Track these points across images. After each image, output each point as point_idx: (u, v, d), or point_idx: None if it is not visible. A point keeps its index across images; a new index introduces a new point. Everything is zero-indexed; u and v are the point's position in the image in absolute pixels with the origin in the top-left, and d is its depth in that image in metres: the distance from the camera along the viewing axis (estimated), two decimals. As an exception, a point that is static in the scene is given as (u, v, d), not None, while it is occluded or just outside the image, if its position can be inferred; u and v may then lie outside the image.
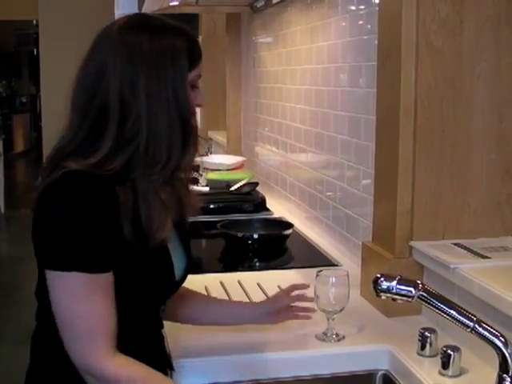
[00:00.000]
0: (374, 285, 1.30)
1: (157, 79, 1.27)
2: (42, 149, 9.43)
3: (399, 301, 1.30)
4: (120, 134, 1.27)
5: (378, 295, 1.31)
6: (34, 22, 9.66)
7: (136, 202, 1.27)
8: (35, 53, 10.16)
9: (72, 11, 8.81)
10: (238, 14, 4.00)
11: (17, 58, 11.16)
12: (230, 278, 2.10)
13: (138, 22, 1.33)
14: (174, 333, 1.60)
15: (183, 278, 1.49)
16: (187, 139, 1.31)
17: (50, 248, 1.23)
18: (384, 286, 1.29)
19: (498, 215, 1.78)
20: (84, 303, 1.22)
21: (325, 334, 1.66)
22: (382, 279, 1.29)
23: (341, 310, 1.65)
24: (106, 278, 1.24)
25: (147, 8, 3.84)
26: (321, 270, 1.68)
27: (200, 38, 5.02)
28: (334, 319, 1.65)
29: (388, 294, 1.29)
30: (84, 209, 1.21)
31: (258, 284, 2.05)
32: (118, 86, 1.27)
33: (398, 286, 1.28)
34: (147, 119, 1.27)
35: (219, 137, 4.64)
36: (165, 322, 1.51)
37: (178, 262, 1.44)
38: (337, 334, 1.66)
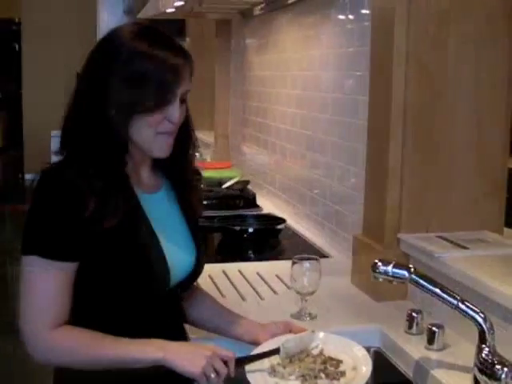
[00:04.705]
0: (372, 268, 1.50)
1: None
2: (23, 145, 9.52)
3: (394, 282, 1.50)
4: None
5: (375, 278, 1.51)
6: (16, 19, 9.76)
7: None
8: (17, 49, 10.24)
9: (55, 10, 8.96)
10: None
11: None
12: (231, 268, 2.29)
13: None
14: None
15: (195, 271, 1.57)
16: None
17: (23, 237, 1.39)
18: (381, 270, 1.49)
19: (476, 211, 1.99)
20: (41, 283, 1.36)
21: (299, 313, 1.84)
22: (380, 264, 1.50)
23: (313, 292, 1.83)
24: (66, 267, 1.37)
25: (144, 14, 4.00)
26: (296, 258, 1.84)
27: (187, 40, 5.16)
28: (306, 300, 1.84)
29: (385, 277, 1.49)
30: (49, 203, 1.36)
31: (258, 273, 2.24)
32: None
33: (393, 270, 1.48)
34: None
35: (204, 136, 4.78)
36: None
37: (183, 254, 1.54)
38: (310, 314, 1.84)
